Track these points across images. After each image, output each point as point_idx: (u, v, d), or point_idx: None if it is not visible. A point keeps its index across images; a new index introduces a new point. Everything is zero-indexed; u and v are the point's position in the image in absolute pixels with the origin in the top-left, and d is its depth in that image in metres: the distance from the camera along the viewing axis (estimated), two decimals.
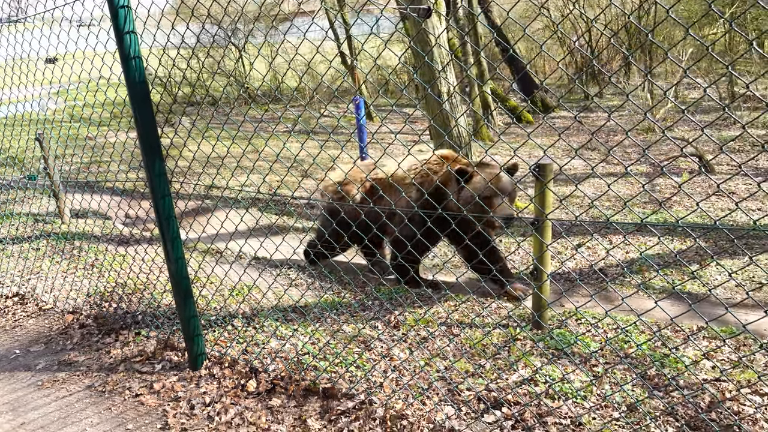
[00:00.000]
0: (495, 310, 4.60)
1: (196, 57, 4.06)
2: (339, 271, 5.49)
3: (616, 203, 8.35)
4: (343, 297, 5.11)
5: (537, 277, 4.02)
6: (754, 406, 3.00)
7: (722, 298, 4.94)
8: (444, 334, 4.11)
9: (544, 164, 3.80)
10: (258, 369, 3.57)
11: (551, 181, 3.90)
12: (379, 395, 3.17)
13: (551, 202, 3.97)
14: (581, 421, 2.87)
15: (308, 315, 4.52)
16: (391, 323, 4.33)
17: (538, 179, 3.84)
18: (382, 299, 4.91)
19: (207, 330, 4.12)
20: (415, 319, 4.36)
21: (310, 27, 2.88)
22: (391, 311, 4.58)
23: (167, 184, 3.30)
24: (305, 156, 10.61)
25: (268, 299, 4.71)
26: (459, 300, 4.78)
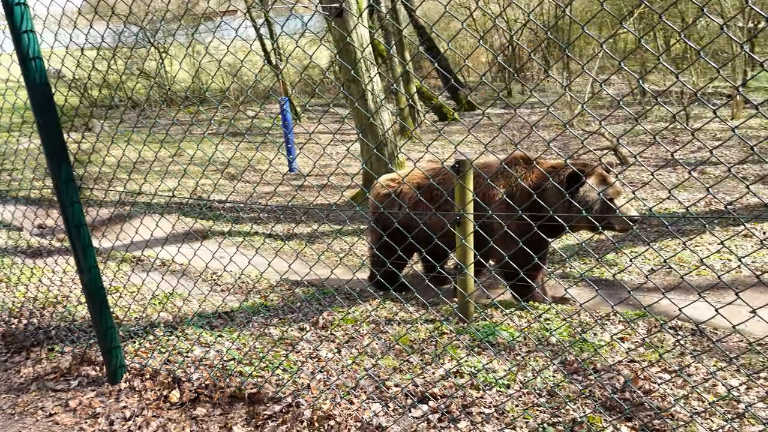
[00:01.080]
0: (421, 306, 4.65)
1: (114, 58, 3.88)
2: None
3: None
4: (270, 300, 5.03)
5: (460, 271, 4.09)
6: (661, 382, 3.17)
7: (637, 283, 5.20)
8: (372, 332, 4.12)
9: (463, 160, 3.87)
10: (181, 378, 3.46)
11: (471, 176, 3.98)
12: (307, 397, 3.14)
13: (471, 198, 4.05)
14: (505, 408, 2.95)
15: (234, 320, 4.42)
16: (319, 324, 4.31)
17: (456, 175, 3.91)
18: (310, 300, 4.88)
19: (126, 341, 3.95)
20: (344, 319, 4.36)
21: (240, 26, 2.82)
22: (319, 312, 4.55)
23: (76, 190, 3.14)
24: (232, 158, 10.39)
25: (192, 306, 4.58)
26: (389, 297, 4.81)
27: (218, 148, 3.17)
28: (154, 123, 3.47)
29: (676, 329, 3.99)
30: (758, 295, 4.09)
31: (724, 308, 2.08)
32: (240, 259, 3.93)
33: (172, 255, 4.49)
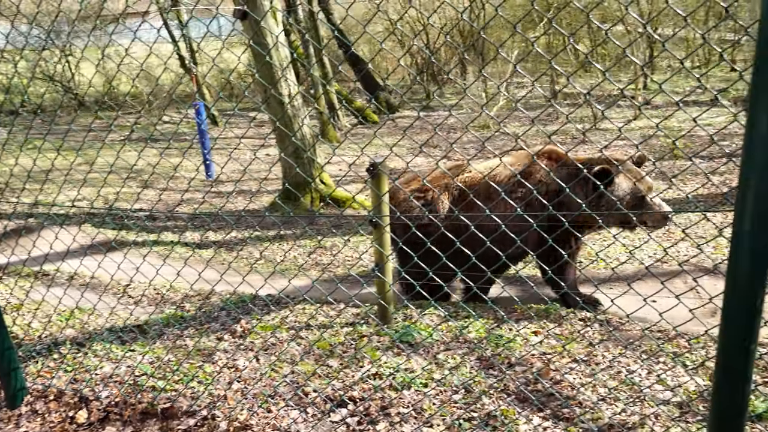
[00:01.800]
0: (345, 308, 4.64)
1: (19, 60, 3.64)
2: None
3: None
4: (186, 311, 4.88)
5: (381, 272, 4.11)
6: (575, 373, 3.31)
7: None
8: (292, 338, 4.07)
9: (380, 162, 3.89)
10: (89, 398, 3.29)
11: (386, 179, 4.01)
12: (223, 408, 3.06)
13: (386, 200, 4.08)
14: (422, 407, 2.98)
15: (147, 333, 4.25)
16: (237, 333, 4.21)
17: (374, 177, 3.93)
18: (228, 309, 4.76)
19: (28, 362, 3.72)
20: (262, 326, 4.28)
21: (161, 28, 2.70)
22: (238, 320, 4.45)
23: None
24: (144, 165, 10.01)
25: (101, 321, 4.37)
26: (311, 302, 4.76)
27: (135, 155, 3.04)
28: (68, 129, 3.28)
29: (585, 321, 4.17)
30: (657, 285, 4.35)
31: (622, 297, 2.19)
32: (154, 269, 3.78)
33: (80, 268, 4.27)
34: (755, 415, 2.67)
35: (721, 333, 1.70)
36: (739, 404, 1.71)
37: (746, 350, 1.67)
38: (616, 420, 2.74)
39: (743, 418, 1.74)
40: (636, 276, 5.02)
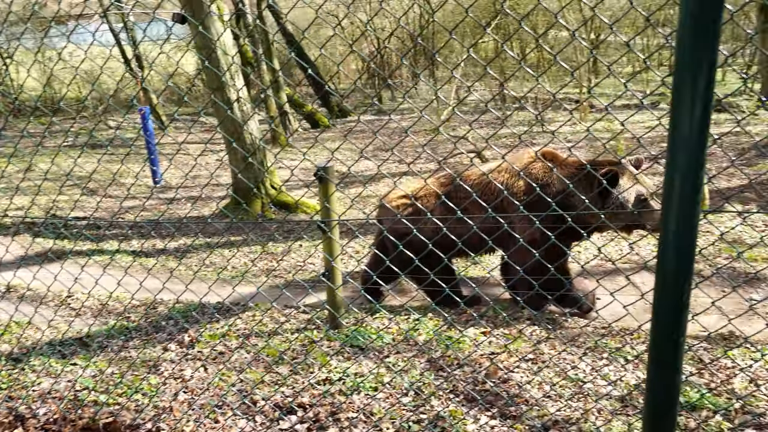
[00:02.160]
0: (295, 314, 4.61)
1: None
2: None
3: None
4: (133, 321, 4.75)
5: (330, 278, 4.10)
6: (522, 371, 3.38)
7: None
8: (241, 345, 4.01)
9: (326, 167, 3.88)
10: (25, 416, 3.16)
11: (333, 183, 4.00)
12: (168, 420, 2.99)
13: (336, 204, 4.07)
14: (372, 411, 2.99)
15: (90, 346, 4.12)
16: (185, 342, 4.13)
17: (321, 182, 3.92)
18: (177, 318, 4.66)
19: None
20: (211, 335, 4.21)
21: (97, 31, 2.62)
22: (185, 329, 4.36)
23: None
24: (86, 172, 9.69)
25: (39, 334, 4.20)
26: (259, 309, 4.71)
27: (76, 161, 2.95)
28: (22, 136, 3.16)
29: (531, 320, 4.26)
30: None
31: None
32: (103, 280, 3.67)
33: (14, 280, 4.11)
34: (690, 405, 2.78)
35: (653, 327, 1.76)
36: (671, 395, 1.78)
37: (675, 343, 1.73)
38: (561, 416, 2.81)
39: (675, 408, 1.80)
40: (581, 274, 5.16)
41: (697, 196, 1.59)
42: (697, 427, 2.59)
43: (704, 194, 6.57)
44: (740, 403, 2.76)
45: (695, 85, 1.49)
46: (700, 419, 2.68)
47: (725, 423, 2.62)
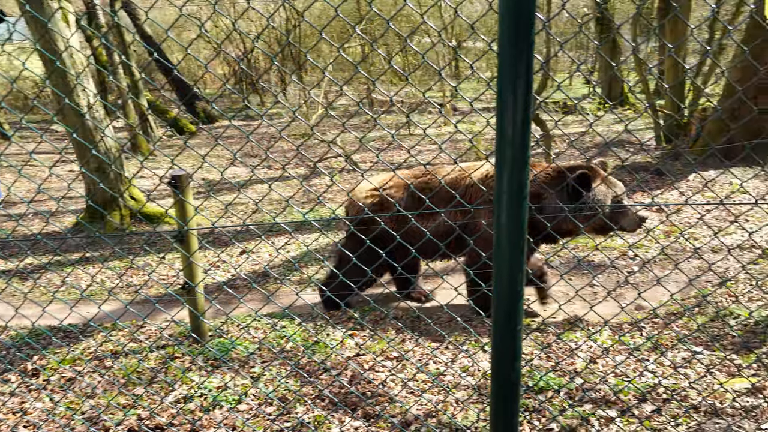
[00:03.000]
0: (155, 331, 4.37)
1: None
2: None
3: (278, 206, 8.73)
4: None
5: (189, 290, 3.93)
6: (386, 370, 3.44)
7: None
8: (94, 369, 3.74)
9: (178, 175, 3.72)
10: None
11: (190, 191, 3.85)
12: None
13: (192, 213, 3.91)
14: (235, 424, 2.90)
15: None
16: (29, 371, 3.77)
17: (175, 191, 3.75)
18: (20, 345, 4.25)
19: None
20: (61, 360, 3.87)
21: None
22: (30, 357, 3.98)
23: None
24: None
25: None
26: (116, 328, 4.41)
27: None
28: None
29: (398, 319, 4.36)
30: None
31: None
32: None
33: None
34: (537, 388, 2.98)
35: (493, 318, 1.86)
36: (513, 378, 1.89)
37: (514, 331, 1.85)
38: (421, 410, 2.89)
39: (518, 390, 1.92)
40: (449, 269, 5.37)
41: (524, 191, 1.70)
42: (542, 408, 2.78)
43: None
44: (580, 381, 3.01)
45: (515, 89, 1.59)
46: (545, 399, 2.87)
47: (567, 401, 2.83)
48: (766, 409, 2.63)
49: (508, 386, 1.92)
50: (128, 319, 4.68)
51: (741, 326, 3.71)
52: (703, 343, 3.51)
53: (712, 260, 4.98)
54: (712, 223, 5.98)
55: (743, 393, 2.79)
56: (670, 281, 4.54)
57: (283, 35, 18.08)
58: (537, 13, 1.54)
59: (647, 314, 4.00)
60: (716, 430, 2.47)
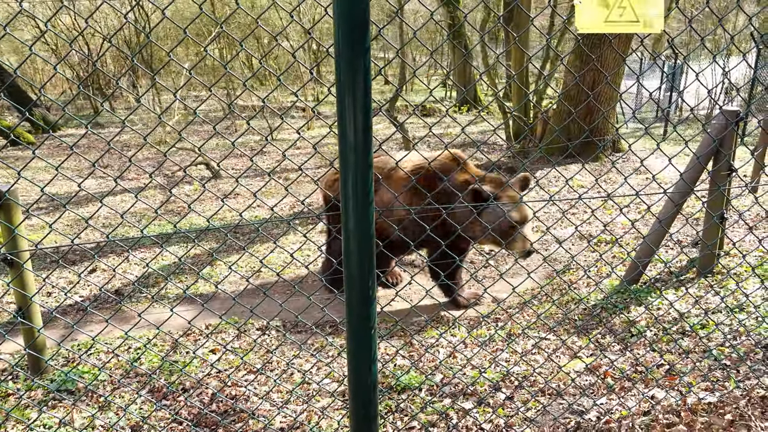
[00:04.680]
0: None
1: None
2: None
3: (132, 218, 8.19)
4: None
5: (27, 317, 3.55)
6: (250, 384, 3.33)
7: (230, 291, 5.38)
8: None
9: (9, 190, 3.35)
10: None
11: (18, 209, 3.48)
12: None
13: (24, 232, 3.54)
14: None
15: None
16: None
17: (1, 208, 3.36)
18: None
19: None
20: None
21: None
22: None
23: None
24: None
25: None
26: None
27: None
28: None
29: (263, 329, 4.25)
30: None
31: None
32: None
33: None
34: (400, 388, 3.03)
35: (347, 321, 1.85)
36: (370, 381, 1.89)
37: (368, 334, 1.85)
38: (286, 423, 2.83)
39: (375, 393, 1.93)
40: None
41: (370, 195, 1.71)
42: (404, 407, 2.83)
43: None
44: (440, 377, 3.10)
45: (354, 94, 1.59)
46: (407, 398, 2.93)
47: (428, 398, 2.91)
48: (601, 385, 2.88)
49: (365, 389, 1.92)
50: None
51: (582, 311, 4.05)
52: (550, 330, 3.77)
53: (558, 252, 5.39)
54: (556, 216, 6.48)
55: (582, 373, 3.03)
56: (518, 274, 4.83)
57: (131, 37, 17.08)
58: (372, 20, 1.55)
59: (498, 307, 4.23)
60: (560, 410, 2.66)
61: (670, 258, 4.89)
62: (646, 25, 1.66)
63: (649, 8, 1.63)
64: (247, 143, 13.33)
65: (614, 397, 2.73)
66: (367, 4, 1.53)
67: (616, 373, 3.00)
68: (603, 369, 3.09)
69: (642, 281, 4.40)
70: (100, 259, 6.36)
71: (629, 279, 4.31)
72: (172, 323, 4.35)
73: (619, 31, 1.68)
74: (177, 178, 10.08)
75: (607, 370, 3.07)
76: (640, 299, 4.05)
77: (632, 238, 5.65)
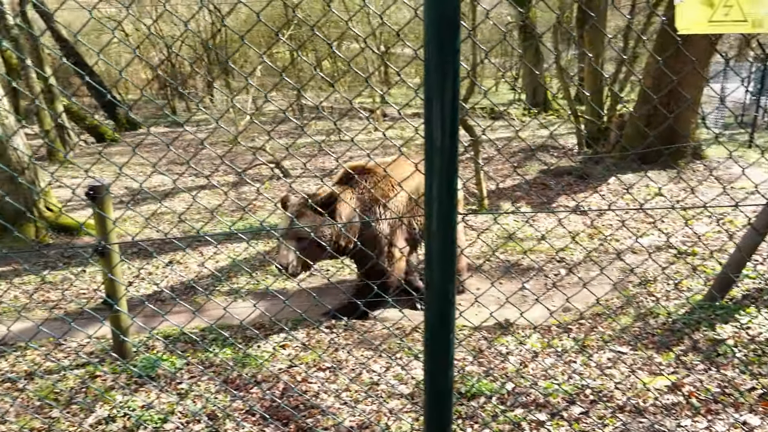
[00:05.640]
0: (75, 348, 4.12)
1: None
2: None
3: (205, 215, 8.48)
4: None
5: (110, 306, 3.73)
6: (319, 381, 3.38)
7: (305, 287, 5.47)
8: (6, 392, 3.48)
9: (97, 186, 3.54)
10: None
11: (110, 202, 3.67)
12: None
13: (111, 225, 3.73)
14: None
15: None
16: None
17: (93, 202, 3.55)
18: None
19: None
20: None
21: None
22: None
23: None
24: None
25: None
26: (31, 347, 4.13)
27: None
28: None
29: (331, 328, 4.30)
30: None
31: None
32: None
33: None
34: (469, 394, 2.99)
35: (425, 324, 1.84)
36: (447, 386, 1.88)
37: (446, 338, 1.84)
38: (354, 421, 2.85)
39: (450, 398, 1.91)
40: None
41: (454, 199, 1.69)
42: (474, 414, 2.79)
43: (484, 196, 7.23)
44: (512, 385, 3.04)
45: (443, 97, 1.57)
46: (478, 406, 2.89)
47: (499, 406, 2.86)
48: (685, 406, 2.75)
49: (441, 394, 1.90)
50: (44, 337, 4.40)
51: (661, 325, 3.88)
52: (627, 344, 3.64)
53: (634, 262, 5.19)
54: (632, 225, 6.25)
55: (664, 391, 2.90)
56: (595, 283, 4.70)
57: (208, 40, 17.68)
58: (462, 22, 1.53)
59: (574, 317, 4.12)
60: (640, 429, 2.56)
61: (762, 272, 4.61)
62: (755, 25, 1.57)
63: (760, 6, 1.54)
64: (315, 143, 13.54)
65: (700, 419, 2.60)
66: (458, 4, 1.50)
67: (701, 394, 2.86)
68: (687, 388, 2.95)
69: (728, 297, 4.18)
70: (185, 251, 6.61)
71: (714, 294, 4.10)
72: (242, 317, 4.46)
73: (724, 32, 1.60)
74: (248, 176, 10.36)
75: (692, 390, 2.93)
76: (728, 316, 3.84)
77: (713, 251, 5.38)
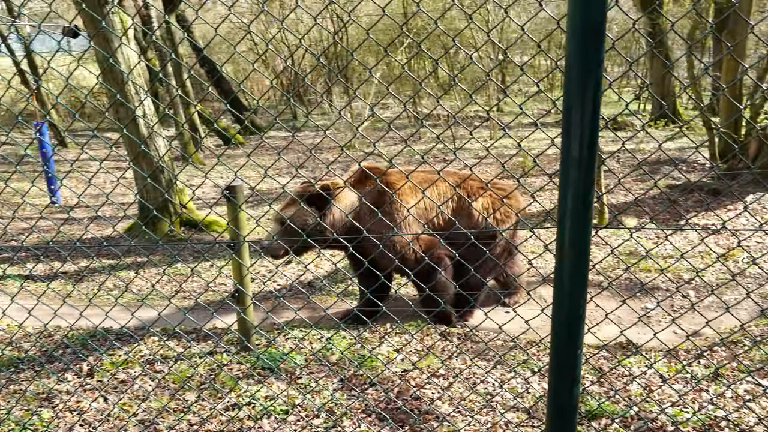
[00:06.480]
0: (203, 338, 4.44)
1: None
2: None
3: None
4: (23, 351, 4.41)
5: (239, 300, 3.98)
6: (434, 387, 3.40)
7: (406, 296, 5.54)
8: (145, 372, 3.82)
9: (234, 186, 3.79)
10: None
11: (243, 202, 3.92)
12: None
13: (246, 224, 3.98)
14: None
15: None
16: (84, 371, 3.87)
17: (230, 201, 3.82)
18: (76, 346, 4.37)
19: None
20: (113, 362, 3.97)
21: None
22: (84, 358, 4.09)
23: None
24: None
25: None
26: (165, 334, 4.50)
27: None
28: None
29: (445, 335, 4.31)
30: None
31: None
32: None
33: None
34: (590, 413, 2.89)
35: (552, 340, 1.81)
36: (572, 403, 1.84)
37: (574, 355, 1.80)
38: (470, 430, 2.85)
39: (575, 416, 1.86)
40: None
41: (589, 213, 1.66)
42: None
43: (604, 210, 6.94)
44: (636, 409, 2.91)
45: (583, 108, 1.55)
46: (599, 428, 2.79)
47: (622, 430, 2.74)
48: None
49: (565, 411, 1.86)
50: (180, 324, 4.77)
51: None
52: (765, 376, 3.36)
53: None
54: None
55: None
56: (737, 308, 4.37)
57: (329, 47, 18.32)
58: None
59: (707, 342, 3.86)
60: None
61: None
62: None
63: None
64: (427, 150, 13.60)
65: None
66: (605, 12, 1.47)
67: None
68: None
69: None
70: None
71: None
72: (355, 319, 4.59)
73: None
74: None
75: None
76: None
77: None
